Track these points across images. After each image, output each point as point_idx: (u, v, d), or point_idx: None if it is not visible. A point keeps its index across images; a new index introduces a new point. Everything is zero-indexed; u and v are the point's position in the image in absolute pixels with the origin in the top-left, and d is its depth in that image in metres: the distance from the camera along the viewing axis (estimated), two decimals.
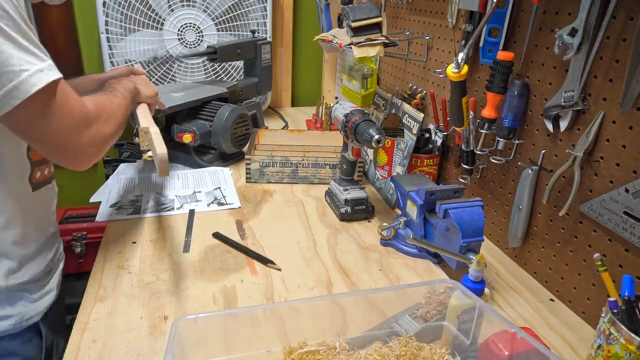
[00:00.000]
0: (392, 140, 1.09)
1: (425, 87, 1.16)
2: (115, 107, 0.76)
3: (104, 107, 0.73)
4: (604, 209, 0.67)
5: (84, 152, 0.68)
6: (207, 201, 1.06)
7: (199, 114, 1.22)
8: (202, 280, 0.79)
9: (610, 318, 0.54)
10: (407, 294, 0.67)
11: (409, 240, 0.76)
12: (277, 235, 0.94)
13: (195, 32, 1.59)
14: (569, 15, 0.71)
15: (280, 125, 1.65)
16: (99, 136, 0.70)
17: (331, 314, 0.63)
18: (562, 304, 0.78)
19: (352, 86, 1.49)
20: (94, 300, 0.73)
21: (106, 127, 0.71)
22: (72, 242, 1.69)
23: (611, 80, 0.65)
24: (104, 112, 0.72)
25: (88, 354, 0.63)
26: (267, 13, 1.63)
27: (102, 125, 0.70)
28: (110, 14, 1.51)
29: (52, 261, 0.86)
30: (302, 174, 1.17)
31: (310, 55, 1.91)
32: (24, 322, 0.78)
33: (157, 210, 1.01)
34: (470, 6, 0.89)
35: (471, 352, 0.62)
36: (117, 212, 0.99)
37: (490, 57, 0.88)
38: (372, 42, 1.01)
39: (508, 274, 0.85)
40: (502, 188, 0.90)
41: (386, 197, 1.11)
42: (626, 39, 0.63)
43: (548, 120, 0.75)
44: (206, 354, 0.58)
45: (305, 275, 0.82)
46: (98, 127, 0.69)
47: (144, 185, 1.12)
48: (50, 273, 0.85)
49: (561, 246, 0.77)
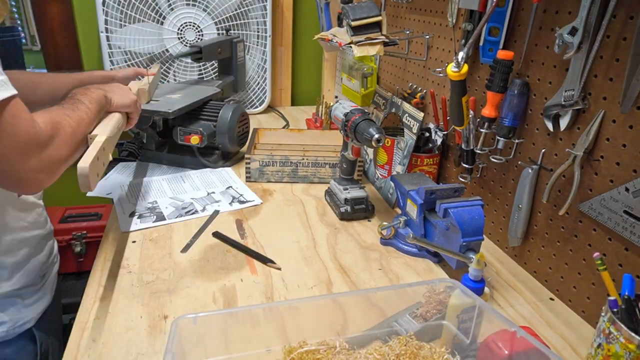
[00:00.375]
0: (392, 140, 1.09)
1: (425, 86, 1.16)
2: (74, 124, 0.67)
3: (61, 126, 0.65)
4: (604, 208, 0.67)
5: (30, 178, 0.61)
6: (227, 201, 1.06)
7: (200, 115, 1.21)
8: (202, 279, 0.79)
9: (610, 317, 0.54)
10: (407, 293, 0.67)
11: (409, 239, 0.76)
12: (277, 235, 0.94)
13: (195, 31, 1.59)
14: (569, 14, 0.71)
15: (281, 124, 1.65)
16: (52, 160, 0.63)
17: (331, 313, 0.63)
18: (562, 303, 0.78)
19: (352, 85, 1.49)
20: (93, 300, 0.73)
21: (61, 149, 0.64)
22: (72, 241, 1.70)
23: (611, 79, 0.65)
24: (60, 133, 0.64)
25: (88, 354, 0.63)
26: (267, 12, 1.63)
27: (57, 148, 0.63)
28: (109, 13, 1.51)
29: (46, 264, 0.85)
30: (302, 173, 1.17)
31: (310, 54, 1.91)
32: (17, 328, 0.77)
33: (181, 215, 0.99)
34: (470, 5, 0.88)
35: (471, 352, 0.62)
36: (141, 221, 0.95)
37: (490, 56, 0.88)
38: (372, 41, 1.01)
39: (508, 273, 0.85)
40: (502, 187, 0.90)
41: (386, 196, 1.11)
42: (626, 38, 0.63)
43: (548, 119, 0.75)
44: (206, 353, 0.58)
45: (305, 274, 0.82)
46: (51, 151, 0.62)
47: (152, 191, 1.09)
48: (45, 277, 0.84)
49: (561, 245, 0.77)
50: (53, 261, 0.89)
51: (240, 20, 1.62)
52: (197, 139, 1.14)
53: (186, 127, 1.17)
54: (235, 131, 1.19)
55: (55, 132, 0.63)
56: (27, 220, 0.83)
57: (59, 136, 0.64)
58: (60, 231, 1.68)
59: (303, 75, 1.94)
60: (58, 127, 0.64)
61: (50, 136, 0.62)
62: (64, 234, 1.69)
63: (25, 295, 0.78)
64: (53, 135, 0.63)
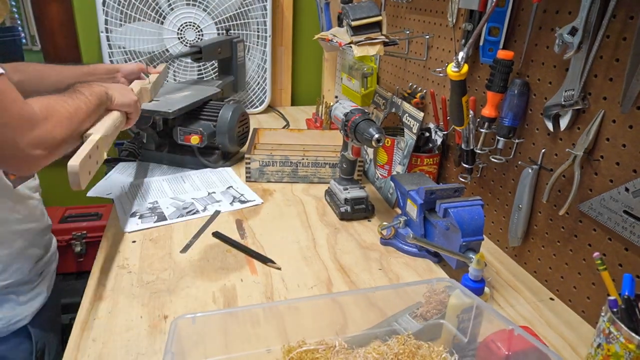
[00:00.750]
0: (392, 140, 1.09)
1: (426, 86, 1.16)
2: (71, 109, 0.70)
3: (54, 109, 0.68)
4: (604, 208, 0.67)
5: (26, 155, 0.63)
6: (228, 200, 1.06)
7: (200, 115, 1.21)
8: (202, 279, 0.79)
9: (610, 317, 0.54)
10: (407, 292, 0.67)
11: (409, 239, 0.76)
12: (277, 235, 0.94)
13: (195, 31, 1.59)
14: (569, 14, 0.71)
15: (281, 124, 1.65)
16: (47, 138, 0.65)
17: (331, 313, 0.63)
18: (562, 303, 0.78)
19: (352, 85, 1.49)
20: (93, 300, 0.73)
21: (56, 129, 0.66)
22: (72, 241, 1.70)
23: (611, 79, 0.65)
24: (54, 114, 0.67)
25: (88, 353, 0.63)
26: (267, 12, 1.63)
27: (52, 127, 0.66)
28: (109, 13, 1.51)
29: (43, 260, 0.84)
30: (302, 173, 1.17)
31: (310, 54, 1.91)
32: (11, 325, 0.77)
33: (182, 215, 0.99)
34: (471, 5, 0.88)
35: (470, 351, 0.62)
36: (142, 222, 0.96)
37: (490, 56, 0.88)
38: (372, 41, 1.01)
39: (508, 273, 0.85)
40: (502, 187, 0.90)
41: (386, 196, 1.11)
42: (626, 38, 0.63)
43: (548, 119, 0.75)
44: (205, 353, 0.58)
45: (305, 274, 0.82)
46: (45, 129, 0.65)
47: (153, 191, 1.09)
48: (42, 275, 0.84)
49: (561, 245, 0.77)
50: (51, 259, 0.88)
51: (240, 20, 1.62)
52: (197, 139, 1.14)
53: (186, 127, 1.17)
54: (235, 131, 1.19)
55: (49, 114, 0.66)
56: (21, 212, 0.83)
57: (53, 117, 0.66)
58: (60, 231, 1.68)
59: (303, 75, 1.94)
60: (52, 110, 0.67)
61: (44, 117, 0.65)
62: (64, 234, 1.69)
63: (20, 293, 0.78)
64: (47, 116, 0.65)
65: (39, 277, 0.83)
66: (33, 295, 0.81)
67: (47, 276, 0.86)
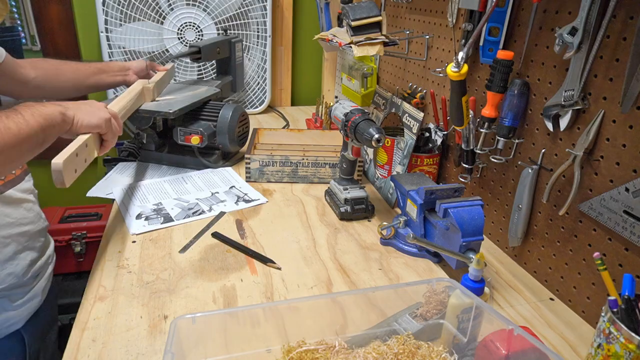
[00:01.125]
0: (392, 140, 1.09)
1: (425, 86, 1.16)
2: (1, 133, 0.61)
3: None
4: (604, 208, 0.67)
5: None
6: (232, 200, 1.06)
7: (200, 115, 1.21)
8: (202, 279, 0.79)
9: (610, 317, 0.54)
10: (407, 292, 0.67)
11: (409, 239, 0.76)
12: (277, 235, 0.94)
13: (195, 31, 1.59)
14: (569, 14, 0.71)
15: (281, 124, 1.65)
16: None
17: (331, 313, 0.63)
18: (562, 303, 0.78)
19: (352, 85, 1.49)
20: (93, 300, 0.73)
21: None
22: (72, 241, 1.69)
23: (611, 80, 0.65)
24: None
25: (88, 353, 0.63)
26: (267, 12, 1.63)
27: None
28: (109, 13, 1.51)
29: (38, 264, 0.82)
30: (302, 173, 1.17)
31: (310, 54, 1.91)
32: (4, 329, 0.76)
33: (188, 216, 0.99)
34: (470, 5, 0.88)
35: (469, 351, 0.62)
36: (148, 223, 0.95)
37: (490, 56, 0.88)
38: (372, 41, 1.01)
39: (508, 273, 0.85)
40: (502, 187, 0.90)
41: (386, 196, 1.11)
42: (626, 38, 0.63)
43: (548, 119, 0.75)
44: (205, 353, 0.58)
45: (305, 274, 0.82)
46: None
47: (155, 193, 1.09)
48: (37, 278, 0.82)
49: (561, 245, 0.77)
50: (47, 262, 0.86)
51: (240, 20, 1.62)
52: (197, 139, 1.14)
53: (186, 127, 1.17)
54: (235, 131, 1.19)
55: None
56: (13, 216, 0.80)
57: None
58: (60, 231, 1.68)
59: (303, 75, 1.94)
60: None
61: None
62: (64, 234, 1.69)
63: (14, 296, 0.76)
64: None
65: (34, 280, 0.82)
66: (27, 298, 0.79)
67: (43, 279, 0.84)
